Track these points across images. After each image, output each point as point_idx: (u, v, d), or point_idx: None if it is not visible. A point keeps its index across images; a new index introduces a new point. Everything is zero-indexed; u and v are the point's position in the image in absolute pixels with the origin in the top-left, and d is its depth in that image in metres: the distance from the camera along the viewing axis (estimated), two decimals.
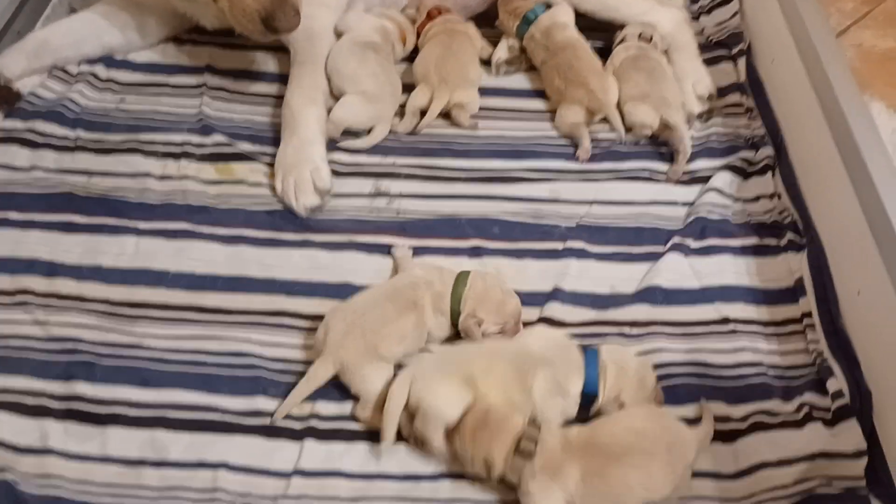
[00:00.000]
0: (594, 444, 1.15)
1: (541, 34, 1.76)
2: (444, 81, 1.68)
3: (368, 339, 1.27)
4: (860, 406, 1.24)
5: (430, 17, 1.81)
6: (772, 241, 1.51)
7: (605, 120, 1.69)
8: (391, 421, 1.20)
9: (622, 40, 1.78)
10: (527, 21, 1.78)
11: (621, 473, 1.12)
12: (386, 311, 1.29)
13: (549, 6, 1.80)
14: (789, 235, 1.50)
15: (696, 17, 1.98)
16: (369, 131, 1.65)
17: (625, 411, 1.21)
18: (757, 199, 1.59)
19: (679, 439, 1.17)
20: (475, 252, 1.47)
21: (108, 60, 1.79)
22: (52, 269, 1.42)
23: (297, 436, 1.24)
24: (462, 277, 1.34)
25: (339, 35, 1.75)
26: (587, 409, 1.24)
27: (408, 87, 1.72)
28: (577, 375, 1.23)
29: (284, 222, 1.51)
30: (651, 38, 1.77)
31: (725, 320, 1.40)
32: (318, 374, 1.26)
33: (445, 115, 1.71)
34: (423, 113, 1.68)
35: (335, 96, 1.67)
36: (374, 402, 1.25)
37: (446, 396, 1.19)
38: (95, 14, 1.78)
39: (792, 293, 1.43)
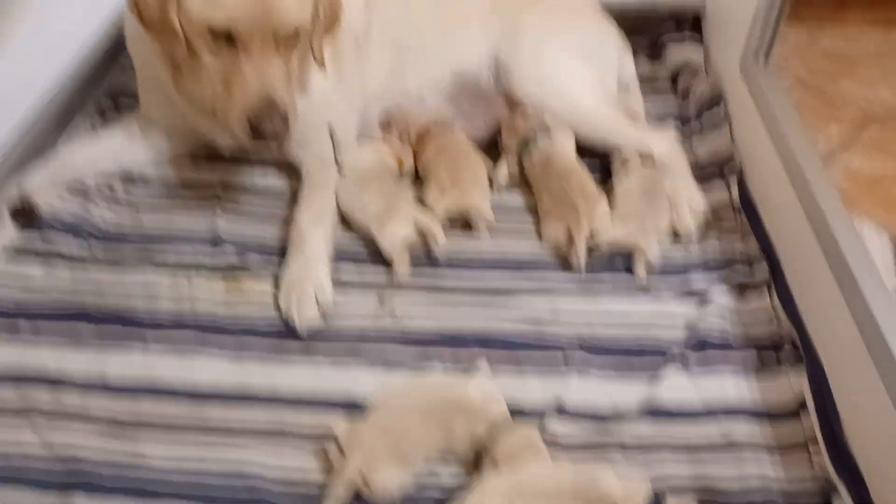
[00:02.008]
0: None
1: (539, 155, 1.84)
2: (456, 185, 1.75)
3: (389, 439, 1.27)
4: None
5: (419, 139, 1.91)
6: (772, 360, 1.52)
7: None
8: None
9: (623, 165, 1.86)
10: (526, 141, 1.87)
11: None
12: (412, 421, 1.29)
13: (548, 129, 1.89)
14: (789, 354, 1.51)
15: (688, 140, 2.07)
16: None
17: None
18: (755, 316, 1.61)
19: None
20: (477, 366, 1.48)
21: (126, 176, 1.87)
22: (58, 382, 1.43)
23: None
24: (505, 427, 1.31)
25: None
26: None
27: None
28: None
29: (289, 335, 1.53)
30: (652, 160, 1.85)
31: (729, 441, 1.39)
32: (344, 482, 1.25)
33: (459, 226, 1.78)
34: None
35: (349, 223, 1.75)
36: None
37: None
38: (116, 132, 1.87)
39: (794, 411, 1.43)
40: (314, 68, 1.70)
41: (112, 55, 2.16)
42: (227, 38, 1.48)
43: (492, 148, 1.98)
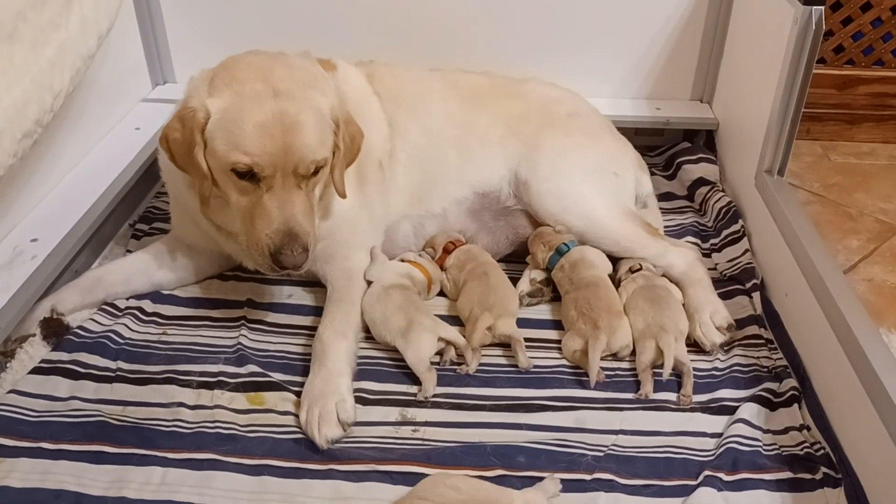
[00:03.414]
0: None
1: (569, 266, 1.87)
2: (489, 310, 1.76)
3: None
4: None
5: (446, 251, 1.95)
6: (806, 475, 1.47)
7: (613, 355, 1.74)
8: None
9: (619, 278, 1.89)
10: (559, 252, 1.90)
11: None
12: None
13: (581, 243, 1.93)
14: (823, 469, 1.46)
15: (708, 254, 2.10)
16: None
17: None
18: (786, 430, 1.57)
19: None
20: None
21: (155, 296, 1.91)
22: (76, 501, 1.41)
23: None
24: None
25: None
26: None
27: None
28: None
29: (310, 451, 1.52)
30: (640, 268, 1.87)
31: None
32: None
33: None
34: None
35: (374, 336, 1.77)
36: None
37: None
38: (148, 254, 1.94)
39: None
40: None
41: (148, 182, 2.26)
42: (250, 176, 1.56)
43: (511, 258, 2.04)
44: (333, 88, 1.71)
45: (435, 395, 1.64)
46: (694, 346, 1.78)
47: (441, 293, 1.96)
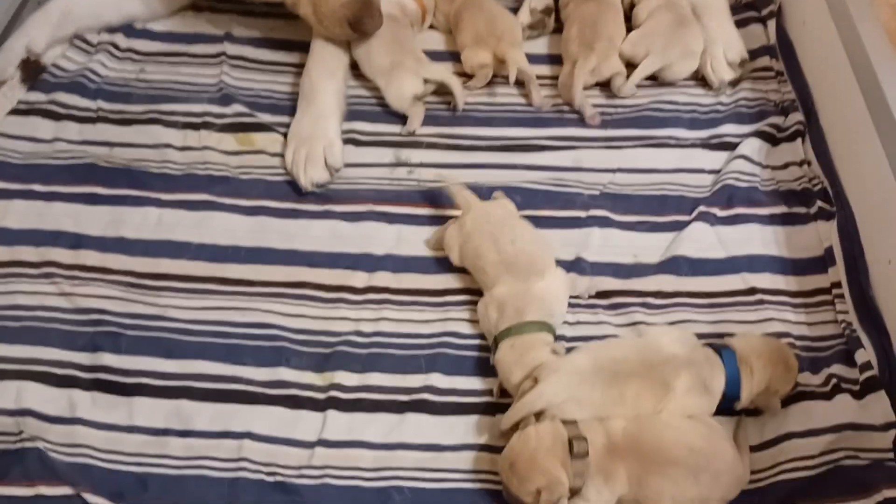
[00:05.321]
0: (639, 447, 1.10)
1: None
2: (500, 40, 1.66)
3: None
4: (889, 378, 1.22)
5: None
6: (801, 210, 1.48)
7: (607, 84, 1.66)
8: (516, 417, 1.14)
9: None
10: None
11: (658, 483, 1.08)
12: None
13: None
14: (819, 203, 1.47)
15: None
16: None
17: (685, 422, 1.14)
18: (786, 166, 1.55)
19: (729, 471, 1.11)
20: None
21: (128, 30, 1.78)
22: (76, 241, 1.43)
23: (319, 406, 1.25)
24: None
25: None
26: (729, 410, 1.19)
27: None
28: (719, 373, 1.18)
29: (305, 193, 1.51)
30: None
31: (752, 290, 1.38)
32: None
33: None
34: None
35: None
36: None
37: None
38: None
39: (821, 262, 1.41)
40: None
41: None
42: None
43: None
44: None
45: (430, 136, 1.60)
46: (701, 80, 1.70)
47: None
